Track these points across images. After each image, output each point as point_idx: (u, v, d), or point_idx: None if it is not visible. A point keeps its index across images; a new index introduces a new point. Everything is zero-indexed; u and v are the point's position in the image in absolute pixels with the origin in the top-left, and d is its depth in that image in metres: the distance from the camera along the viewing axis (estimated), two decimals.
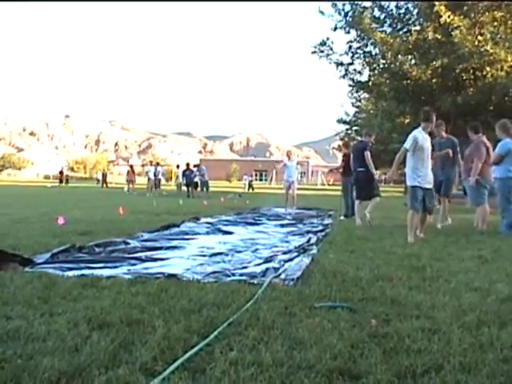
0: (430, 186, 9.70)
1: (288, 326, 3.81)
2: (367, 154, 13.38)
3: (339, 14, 26.38)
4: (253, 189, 54.97)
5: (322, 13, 26.88)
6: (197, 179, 32.53)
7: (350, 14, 26.27)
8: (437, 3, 22.64)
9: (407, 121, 34.19)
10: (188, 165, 33.68)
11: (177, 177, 40.50)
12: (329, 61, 27.76)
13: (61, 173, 61.93)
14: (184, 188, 33.76)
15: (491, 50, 22.55)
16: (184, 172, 33.92)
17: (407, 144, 9.53)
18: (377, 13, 27.09)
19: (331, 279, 5.61)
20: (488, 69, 23.43)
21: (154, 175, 35.98)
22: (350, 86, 31.06)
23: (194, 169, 33.36)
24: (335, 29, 26.70)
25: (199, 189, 32.34)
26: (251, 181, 59.21)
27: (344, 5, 26.45)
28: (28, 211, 15.03)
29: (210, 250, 8.01)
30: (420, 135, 9.55)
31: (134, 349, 3.25)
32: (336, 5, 26.39)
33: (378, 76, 27.64)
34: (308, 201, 25.46)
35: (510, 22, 23.59)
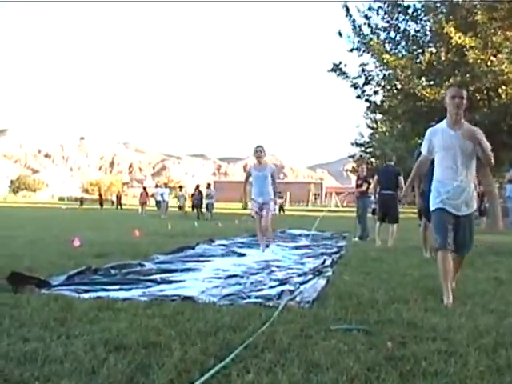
0: (461, 211, 6.00)
1: (304, 349, 3.81)
2: (401, 178, 13.56)
3: (357, 35, 26.42)
4: (283, 211, 51.77)
5: (340, 35, 26.95)
6: (207, 201, 32.44)
7: (365, 36, 26.31)
8: (445, 25, 22.65)
9: (420, 141, 34.11)
10: (198, 187, 33.78)
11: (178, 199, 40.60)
12: (345, 80, 27.81)
13: (117, 197, 61.03)
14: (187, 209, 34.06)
15: (506, 70, 22.51)
16: (193, 194, 34.13)
17: (422, 147, 6.44)
18: (392, 34, 27.09)
19: (347, 301, 5.60)
20: (504, 88, 23.37)
21: (161, 196, 36.13)
22: (368, 108, 31.11)
23: (206, 190, 33.36)
24: (352, 50, 26.75)
25: (204, 210, 32.28)
26: (282, 203, 55.94)
27: (360, 25, 26.49)
28: (43, 233, 15.11)
29: (225, 273, 8.00)
30: (440, 128, 6.20)
31: (151, 371, 3.26)
32: (355, 26, 26.42)
33: (392, 98, 27.63)
34: (322, 223, 25.40)
35: None
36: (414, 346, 3.94)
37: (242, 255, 10.54)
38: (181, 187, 42.42)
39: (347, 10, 26.63)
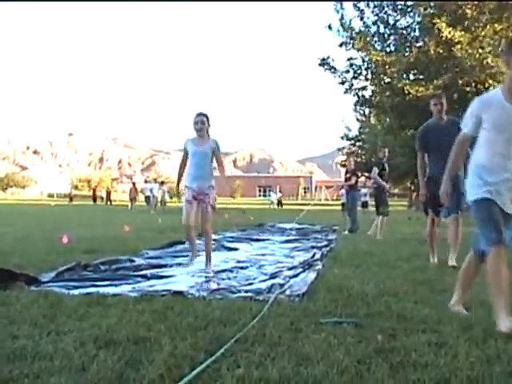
0: (507, 209, 4.49)
1: (294, 342, 3.81)
2: (374, 169, 13.57)
3: (346, 30, 26.40)
4: (281, 205, 50.51)
5: (329, 28, 26.91)
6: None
7: (353, 30, 26.32)
8: (438, 20, 22.73)
9: (409, 133, 34.26)
10: None
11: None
12: (333, 75, 27.84)
13: (107, 193, 60.46)
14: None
15: (492, 64, 22.61)
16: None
17: (465, 122, 4.75)
18: (382, 28, 27.10)
19: (336, 294, 5.61)
20: (490, 81, 23.48)
21: (151, 192, 36.03)
22: (356, 103, 31.15)
23: None
24: (341, 45, 26.76)
25: None
26: (281, 197, 54.58)
27: (351, 20, 26.51)
28: (33, 230, 15.05)
29: (215, 267, 8.00)
30: (494, 99, 4.61)
31: (141, 367, 3.25)
32: (344, 22, 26.40)
33: (381, 93, 27.70)
34: (312, 216, 25.44)
35: (511, 34, 23.64)
36: (404, 338, 3.95)
37: (233, 250, 10.53)
38: (162, 182, 42.19)
39: (341, 3, 26.61)
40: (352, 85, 28.23)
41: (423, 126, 8.50)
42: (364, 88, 28.77)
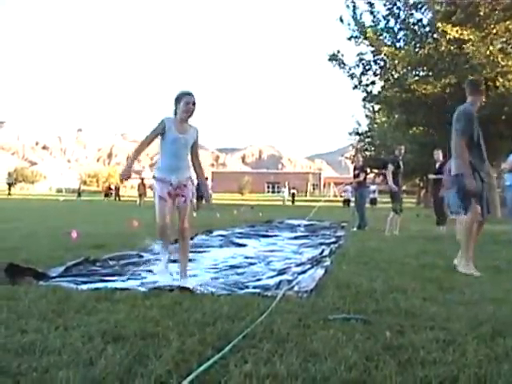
0: None
1: (302, 339, 3.80)
2: (389, 167, 13.66)
3: (356, 24, 26.32)
4: (293, 202, 50.37)
5: (341, 21, 26.84)
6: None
7: (363, 24, 26.22)
8: (440, 25, 22.61)
9: (418, 131, 34.20)
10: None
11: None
12: (342, 70, 27.78)
13: (116, 188, 59.20)
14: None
15: (502, 63, 22.50)
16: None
17: None
18: (392, 22, 26.95)
19: (345, 291, 5.60)
20: (500, 80, 23.35)
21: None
22: (364, 98, 31.04)
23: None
24: (350, 38, 26.67)
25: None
26: (294, 193, 54.35)
27: (361, 14, 26.42)
28: (41, 225, 15.08)
29: (224, 263, 8.00)
30: None
31: (149, 362, 3.25)
32: (355, 14, 26.32)
33: (389, 88, 27.59)
34: (320, 212, 25.41)
35: None
36: (412, 335, 3.94)
37: (242, 246, 10.52)
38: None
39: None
40: (361, 81, 28.15)
41: (466, 108, 7.33)
42: (373, 83, 28.67)
